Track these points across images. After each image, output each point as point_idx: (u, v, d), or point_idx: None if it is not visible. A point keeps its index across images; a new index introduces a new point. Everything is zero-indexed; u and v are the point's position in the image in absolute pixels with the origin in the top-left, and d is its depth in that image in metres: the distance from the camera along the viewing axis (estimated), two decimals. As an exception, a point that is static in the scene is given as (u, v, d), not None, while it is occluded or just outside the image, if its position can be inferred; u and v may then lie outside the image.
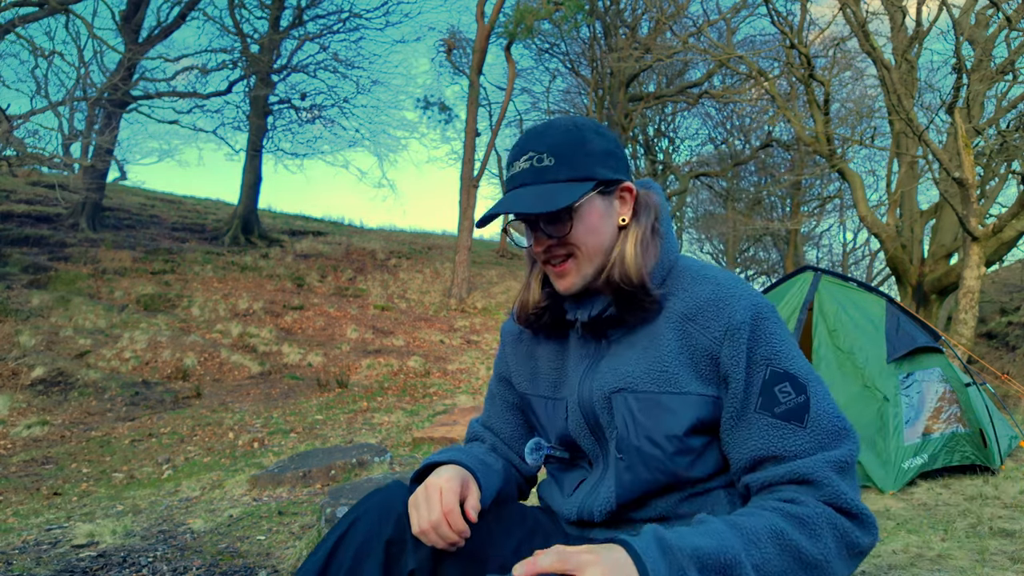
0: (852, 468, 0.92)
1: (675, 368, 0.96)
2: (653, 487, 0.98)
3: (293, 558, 2.76)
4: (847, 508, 0.88)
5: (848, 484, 0.90)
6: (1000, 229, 8.30)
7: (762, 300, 0.99)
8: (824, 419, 0.93)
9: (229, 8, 16.86)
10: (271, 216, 21.42)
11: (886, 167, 15.91)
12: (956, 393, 3.98)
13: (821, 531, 0.86)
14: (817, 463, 0.90)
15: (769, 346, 0.95)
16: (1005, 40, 9.76)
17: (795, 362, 0.95)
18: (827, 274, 4.34)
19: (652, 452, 0.96)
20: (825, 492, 0.89)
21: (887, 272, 19.56)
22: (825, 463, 0.90)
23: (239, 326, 11.18)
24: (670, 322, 0.99)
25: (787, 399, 0.93)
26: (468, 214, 15.18)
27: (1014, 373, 10.14)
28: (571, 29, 17.59)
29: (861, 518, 0.89)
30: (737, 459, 0.96)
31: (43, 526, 3.67)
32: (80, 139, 14.12)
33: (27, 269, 11.98)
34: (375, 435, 6.57)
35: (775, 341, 0.95)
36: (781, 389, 0.94)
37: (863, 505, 0.90)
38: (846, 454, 0.91)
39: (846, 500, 0.88)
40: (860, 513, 0.89)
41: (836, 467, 0.90)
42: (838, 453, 0.91)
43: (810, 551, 0.84)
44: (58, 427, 7.06)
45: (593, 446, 1.05)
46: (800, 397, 0.93)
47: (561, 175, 0.97)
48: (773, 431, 0.93)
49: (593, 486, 1.04)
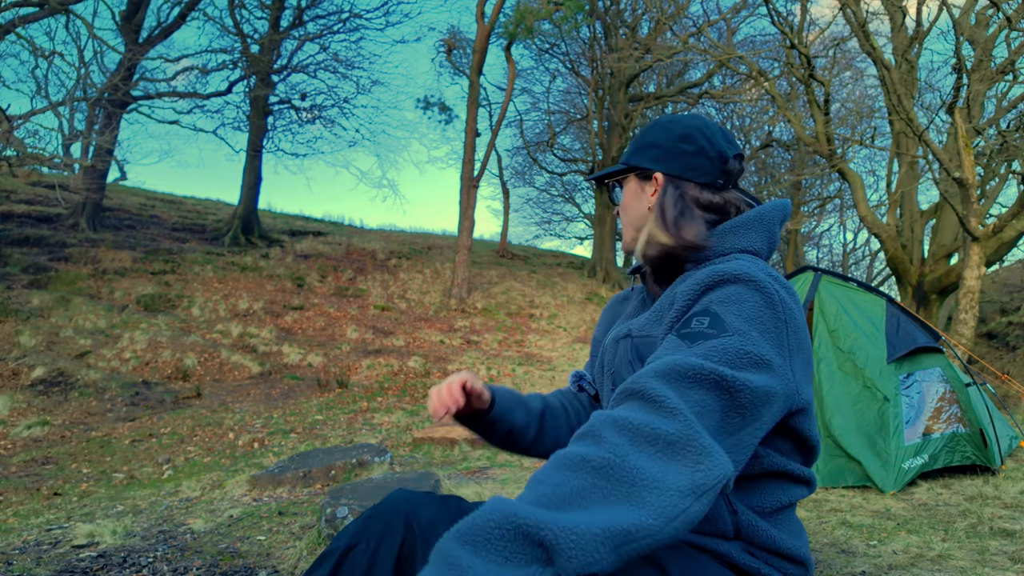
0: (681, 377, 0.79)
1: (656, 317, 1.07)
2: None
3: (293, 558, 2.76)
4: (643, 395, 0.76)
5: (663, 382, 0.78)
6: (1000, 229, 8.29)
7: (759, 274, 0.94)
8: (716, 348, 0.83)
9: (229, 8, 16.86)
10: (271, 216, 21.42)
11: (886, 167, 15.92)
12: (956, 393, 3.98)
13: (603, 432, 0.73)
14: (646, 373, 0.80)
15: (720, 295, 0.92)
16: (1005, 40, 9.76)
17: (738, 318, 0.88)
18: (827, 274, 4.34)
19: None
20: (626, 386, 0.79)
21: (887, 272, 19.56)
22: (653, 372, 0.80)
23: (239, 326, 11.18)
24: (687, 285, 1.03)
25: (698, 326, 0.89)
26: (468, 214, 15.18)
27: (1014, 373, 10.14)
28: (571, 29, 17.58)
29: (660, 404, 0.75)
30: None
31: (43, 526, 3.67)
32: (80, 139, 14.12)
33: (27, 269, 11.98)
34: (375, 435, 6.57)
35: (731, 297, 0.91)
36: (699, 319, 0.91)
37: (671, 398, 0.76)
38: (679, 362, 0.80)
39: (644, 386, 0.77)
40: (658, 400, 0.75)
41: (660, 373, 0.79)
42: (677, 358, 0.80)
43: (592, 454, 0.70)
44: (58, 427, 7.06)
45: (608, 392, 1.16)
46: (711, 330, 0.87)
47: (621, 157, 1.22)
48: (665, 346, 0.90)
49: None
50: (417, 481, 3.47)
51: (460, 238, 15.25)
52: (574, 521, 0.63)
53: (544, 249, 26.57)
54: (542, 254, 23.97)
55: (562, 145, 22.77)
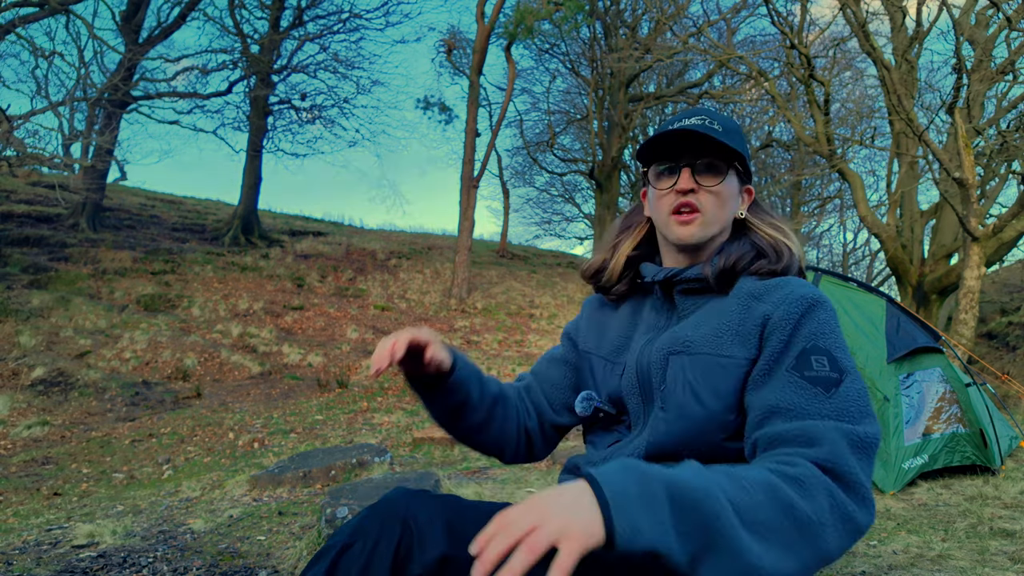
0: (869, 450, 0.87)
1: (731, 335, 1.01)
2: (682, 445, 1.00)
3: (293, 558, 2.76)
4: (845, 476, 0.83)
5: (857, 459, 0.85)
6: (1000, 229, 8.29)
7: (825, 296, 1.01)
8: (852, 399, 0.90)
9: (229, 8, 16.86)
10: (271, 216, 21.42)
11: (886, 167, 15.93)
12: (956, 393, 3.98)
13: (816, 492, 0.81)
14: (829, 428, 0.86)
15: (820, 325, 0.96)
16: (1005, 40, 9.77)
17: (841, 351, 0.95)
18: (827, 274, 4.34)
19: (694, 407, 0.99)
20: (825, 454, 0.84)
21: (887, 272, 19.56)
22: (839, 431, 0.86)
23: (239, 326, 11.18)
24: (737, 299, 1.04)
25: (821, 369, 0.92)
26: (468, 214, 15.18)
27: (1014, 373, 10.14)
28: (571, 29, 17.58)
29: (859, 492, 0.83)
30: (753, 414, 0.95)
31: (43, 526, 3.67)
32: (80, 139, 14.13)
33: (27, 269, 11.98)
34: (375, 435, 6.57)
35: (828, 327, 0.97)
36: (818, 360, 0.93)
37: (865, 482, 0.84)
38: (865, 433, 0.87)
39: (847, 467, 0.83)
40: (859, 486, 0.83)
41: (849, 439, 0.85)
42: (857, 428, 0.87)
43: (803, 507, 0.79)
44: (58, 427, 7.06)
45: (638, 407, 1.09)
46: (834, 374, 0.92)
47: (726, 140, 1.06)
48: (796, 388, 0.91)
49: (627, 442, 1.08)
50: (417, 481, 3.47)
51: (460, 238, 15.25)
52: (751, 550, 0.73)
53: (544, 249, 26.58)
54: (542, 254, 23.98)
55: (562, 145, 22.77)
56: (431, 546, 0.91)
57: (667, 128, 1.08)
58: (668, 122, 1.13)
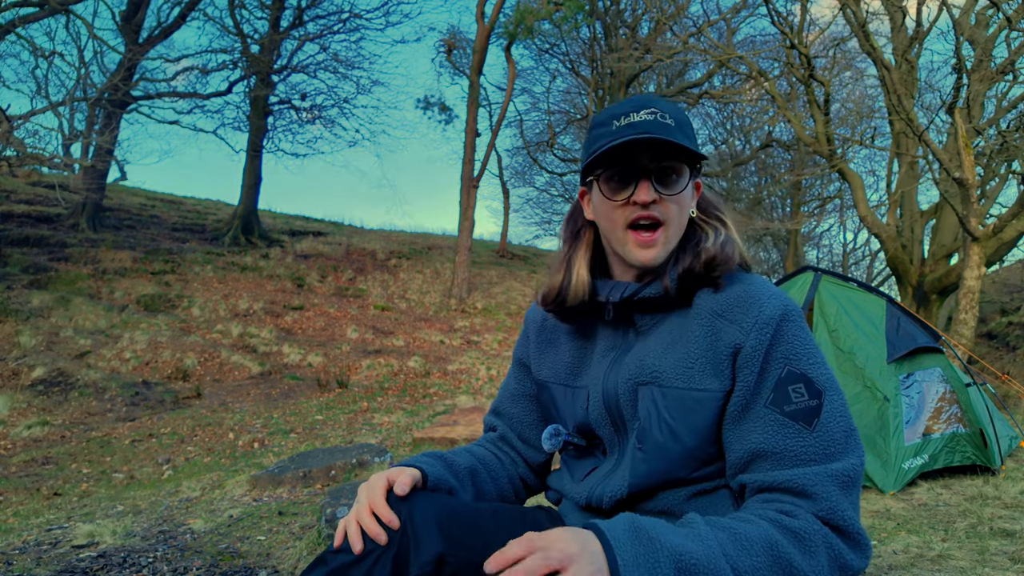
0: (856, 484, 0.89)
1: (701, 365, 0.96)
2: (666, 480, 0.98)
3: (293, 558, 2.76)
4: (844, 528, 0.86)
5: (849, 502, 0.88)
6: (1000, 229, 8.30)
7: (791, 302, 0.98)
8: (834, 427, 0.90)
9: (229, 8, 16.86)
10: (271, 216, 21.42)
11: (886, 167, 15.93)
12: (956, 393, 3.98)
13: (816, 548, 0.84)
14: (819, 476, 0.87)
15: (791, 345, 0.94)
16: (1005, 40, 9.77)
17: (816, 367, 0.93)
18: (827, 274, 4.34)
19: (672, 447, 0.97)
20: (823, 508, 0.86)
21: (887, 272, 19.56)
22: (828, 477, 0.87)
23: (239, 326, 11.18)
24: (700, 318, 0.99)
25: (799, 400, 0.91)
26: (468, 214, 15.18)
27: (1014, 373, 10.14)
28: (571, 29, 17.59)
29: (856, 539, 0.87)
30: (735, 454, 0.94)
31: (43, 526, 3.67)
32: (80, 139, 14.13)
33: (27, 269, 11.98)
34: (375, 435, 6.57)
35: (798, 343, 0.94)
36: (795, 389, 0.92)
37: (860, 526, 0.88)
38: (851, 468, 0.89)
39: (844, 519, 0.86)
40: (856, 534, 0.87)
41: (839, 482, 0.88)
42: (842, 466, 0.88)
43: (803, 567, 0.82)
44: (58, 427, 7.06)
45: (611, 435, 1.06)
46: (813, 401, 0.91)
47: (680, 138, 0.97)
48: (778, 428, 0.91)
49: (606, 474, 1.05)
50: (417, 481, 3.46)
51: (460, 238, 15.25)
52: None
53: (544, 249, 26.60)
54: (542, 254, 23.98)
55: (562, 145, 22.77)
56: (426, 547, 0.91)
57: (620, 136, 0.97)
58: (612, 114, 1.01)
